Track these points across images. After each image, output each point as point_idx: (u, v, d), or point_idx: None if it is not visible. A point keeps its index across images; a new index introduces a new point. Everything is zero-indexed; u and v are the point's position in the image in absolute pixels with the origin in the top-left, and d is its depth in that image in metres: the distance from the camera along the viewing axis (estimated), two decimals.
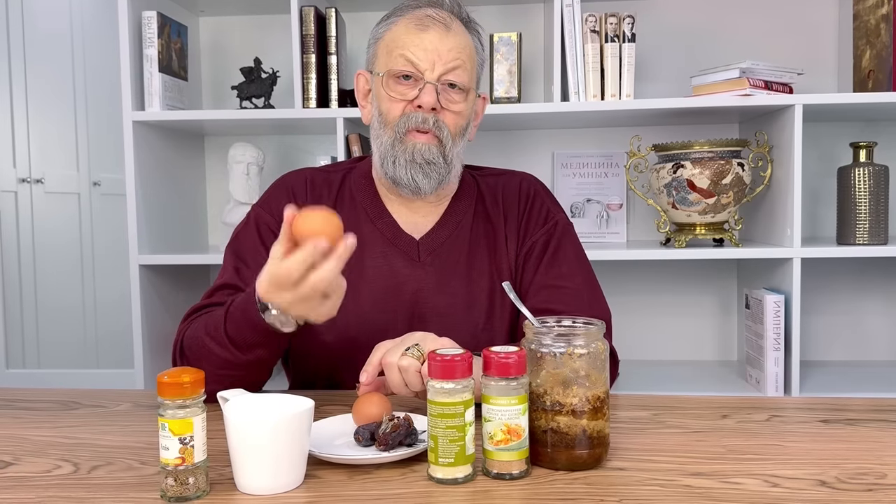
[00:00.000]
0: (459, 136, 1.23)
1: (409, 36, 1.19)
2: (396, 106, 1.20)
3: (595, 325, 0.88)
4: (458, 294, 1.25)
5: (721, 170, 1.94)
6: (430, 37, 1.18)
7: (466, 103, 1.22)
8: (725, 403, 1.12)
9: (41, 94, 3.63)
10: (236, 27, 2.38)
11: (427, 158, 1.19)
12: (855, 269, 2.27)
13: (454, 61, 1.18)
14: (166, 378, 0.79)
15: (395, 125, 1.20)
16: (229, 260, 1.26)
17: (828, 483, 0.82)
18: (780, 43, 2.24)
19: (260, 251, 1.24)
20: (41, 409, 1.15)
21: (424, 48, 1.18)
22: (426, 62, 1.18)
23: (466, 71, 1.20)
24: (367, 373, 1.00)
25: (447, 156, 1.21)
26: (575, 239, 1.32)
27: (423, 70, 1.18)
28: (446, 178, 1.23)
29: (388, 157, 1.21)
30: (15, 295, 3.60)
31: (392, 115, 1.20)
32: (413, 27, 1.19)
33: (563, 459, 0.85)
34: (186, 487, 0.79)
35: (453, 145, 1.21)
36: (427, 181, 1.21)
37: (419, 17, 1.20)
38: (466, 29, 1.23)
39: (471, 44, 1.23)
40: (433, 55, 1.17)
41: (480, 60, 1.27)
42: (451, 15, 1.21)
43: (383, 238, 1.26)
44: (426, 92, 1.17)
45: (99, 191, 3.73)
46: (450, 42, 1.19)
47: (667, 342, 2.33)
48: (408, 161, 1.19)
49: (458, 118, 1.21)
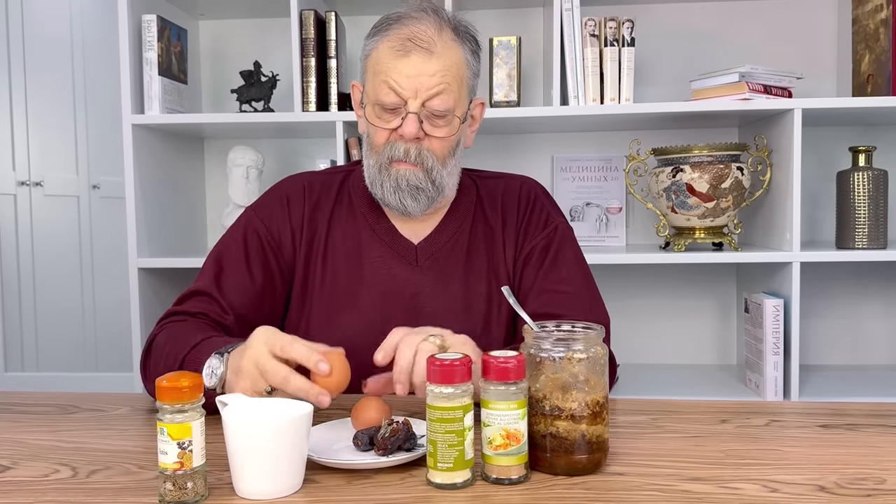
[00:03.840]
0: (449, 157, 1.21)
1: (391, 61, 1.16)
2: (381, 134, 1.19)
3: (594, 330, 0.88)
4: (456, 298, 1.25)
5: (720, 174, 1.94)
6: (413, 62, 1.15)
7: (451, 127, 1.19)
8: (724, 408, 1.12)
9: (41, 97, 3.63)
10: (236, 31, 2.39)
11: (413, 184, 1.19)
12: (854, 274, 2.27)
13: (438, 86, 1.15)
14: (165, 382, 0.79)
15: (380, 153, 1.20)
16: (210, 265, 1.25)
17: (827, 488, 0.81)
18: (780, 47, 2.24)
19: (241, 262, 1.24)
20: (39, 412, 1.14)
21: (407, 74, 1.15)
22: (409, 90, 1.15)
23: (452, 94, 1.17)
24: (385, 351, 0.98)
25: (435, 180, 1.20)
26: (575, 243, 1.32)
27: (406, 98, 1.15)
28: (437, 199, 1.23)
29: (376, 181, 1.21)
30: (14, 298, 3.60)
31: (377, 142, 1.20)
32: (395, 52, 1.16)
33: (563, 464, 0.85)
34: (185, 492, 0.79)
35: (442, 168, 1.20)
36: (416, 204, 1.21)
37: (402, 40, 1.16)
38: (457, 39, 1.19)
39: (460, 59, 1.18)
40: (415, 82, 1.14)
41: (473, 72, 1.23)
42: (439, 28, 1.17)
43: (382, 242, 1.26)
44: (408, 122, 1.15)
45: (98, 194, 3.73)
46: (433, 66, 1.15)
47: (666, 346, 2.32)
48: (394, 188, 1.19)
49: (445, 143, 1.20)
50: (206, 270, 1.25)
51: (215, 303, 1.21)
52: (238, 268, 1.24)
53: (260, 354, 0.95)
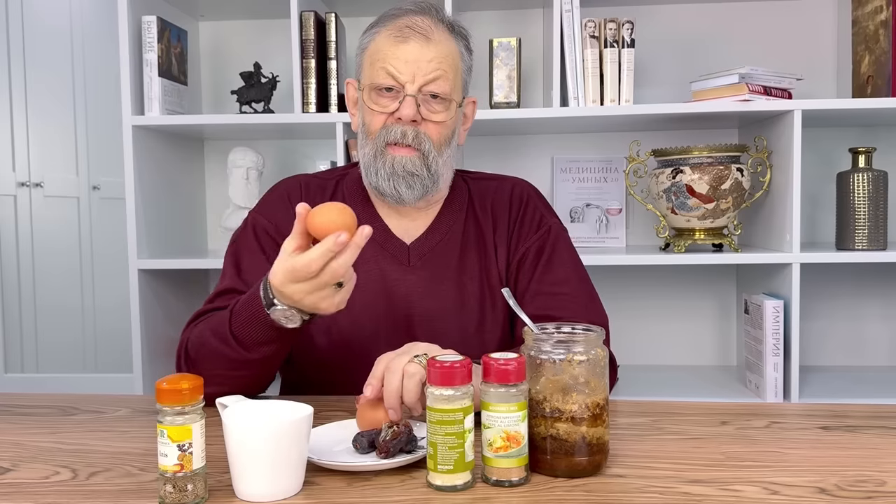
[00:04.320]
0: (445, 145, 1.22)
1: (389, 48, 1.19)
2: (378, 118, 1.20)
3: (594, 332, 0.88)
4: (448, 298, 1.25)
5: (720, 175, 1.94)
6: (411, 48, 1.18)
7: (449, 112, 1.21)
8: (725, 410, 1.12)
9: (41, 97, 3.63)
10: (236, 32, 2.39)
11: (409, 170, 1.19)
12: (854, 275, 2.27)
13: (435, 72, 1.18)
14: (165, 384, 0.79)
15: (376, 137, 1.20)
16: (229, 265, 1.26)
17: (827, 490, 0.82)
18: (780, 48, 2.24)
19: (259, 256, 1.24)
20: (39, 414, 1.15)
21: (405, 59, 1.18)
22: (406, 74, 1.17)
23: (448, 80, 1.20)
24: (372, 386, 0.96)
25: (431, 166, 1.21)
26: (569, 244, 1.31)
27: (404, 82, 1.18)
28: (432, 189, 1.23)
29: (371, 168, 1.22)
30: (14, 299, 3.60)
31: (373, 128, 1.21)
32: (393, 38, 1.19)
33: (563, 466, 0.85)
34: (185, 494, 0.79)
35: (438, 155, 1.21)
36: (410, 192, 1.21)
37: (400, 28, 1.19)
38: (451, 34, 1.23)
39: (455, 50, 1.22)
40: (413, 66, 1.17)
41: (466, 66, 1.26)
42: (435, 21, 1.21)
43: (374, 243, 1.26)
44: (406, 104, 1.17)
45: (98, 195, 3.73)
46: (431, 52, 1.18)
47: (666, 347, 2.32)
48: (389, 174, 1.20)
49: (442, 128, 1.21)
50: (226, 271, 1.26)
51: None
52: (257, 260, 1.23)
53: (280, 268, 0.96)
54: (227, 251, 1.29)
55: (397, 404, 0.95)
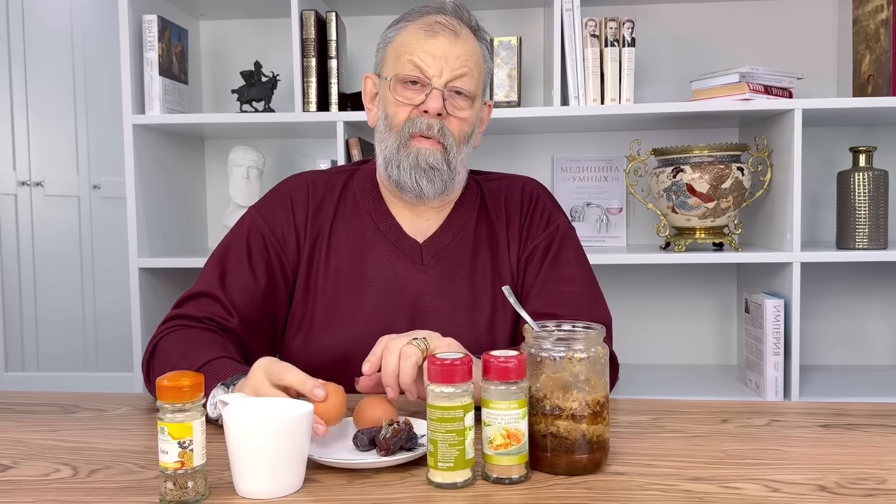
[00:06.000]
0: (464, 142, 1.23)
1: (418, 41, 1.20)
2: (403, 110, 1.21)
3: (595, 330, 0.88)
4: (461, 297, 1.25)
5: (721, 174, 1.94)
6: (439, 43, 1.19)
7: (472, 110, 1.22)
8: (725, 408, 1.12)
9: (41, 97, 3.63)
10: (237, 31, 2.39)
11: (431, 164, 1.20)
12: (854, 274, 2.27)
13: (462, 68, 1.19)
14: (165, 382, 0.79)
15: (400, 130, 1.21)
16: (214, 265, 1.25)
17: (828, 488, 0.82)
18: (780, 47, 2.24)
19: (244, 263, 1.24)
20: (40, 412, 1.15)
21: (433, 54, 1.18)
22: (434, 68, 1.18)
23: (473, 78, 1.21)
24: (371, 363, 0.99)
25: (451, 162, 1.21)
26: (576, 243, 1.32)
27: (431, 76, 1.18)
28: (450, 185, 1.23)
29: (393, 161, 1.22)
30: (14, 298, 3.60)
31: (398, 120, 1.21)
32: (423, 33, 1.20)
33: (563, 464, 0.85)
34: (185, 491, 0.79)
35: (458, 152, 1.22)
36: (431, 186, 1.21)
37: (429, 24, 1.20)
38: (475, 37, 1.24)
39: (479, 52, 1.24)
40: (441, 61, 1.18)
41: (488, 69, 1.28)
42: (460, 22, 1.22)
43: (386, 241, 1.26)
44: (432, 97, 1.18)
45: (99, 194, 3.73)
46: (458, 49, 1.19)
47: (667, 346, 2.32)
48: (412, 166, 1.20)
49: (464, 125, 1.22)
50: (208, 271, 1.25)
51: (219, 305, 1.21)
52: (241, 269, 1.23)
53: (259, 384, 0.95)
54: (217, 247, 1.28)
55: (394, 382, 0.97)
